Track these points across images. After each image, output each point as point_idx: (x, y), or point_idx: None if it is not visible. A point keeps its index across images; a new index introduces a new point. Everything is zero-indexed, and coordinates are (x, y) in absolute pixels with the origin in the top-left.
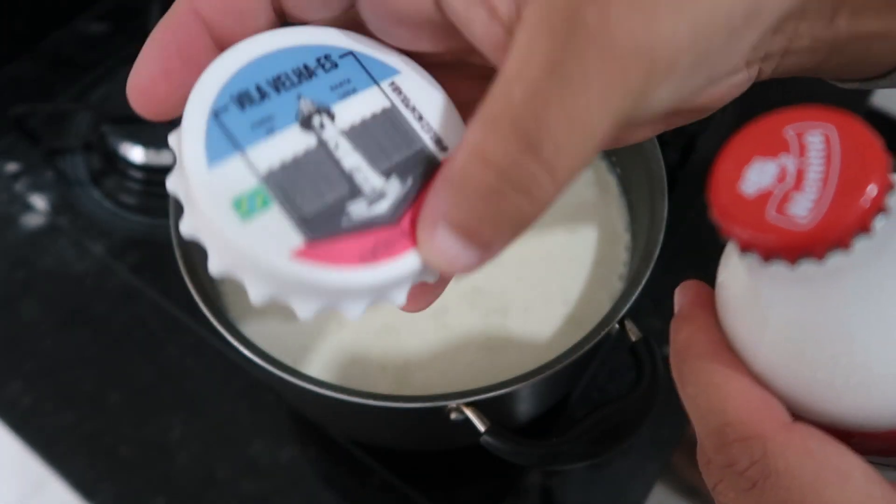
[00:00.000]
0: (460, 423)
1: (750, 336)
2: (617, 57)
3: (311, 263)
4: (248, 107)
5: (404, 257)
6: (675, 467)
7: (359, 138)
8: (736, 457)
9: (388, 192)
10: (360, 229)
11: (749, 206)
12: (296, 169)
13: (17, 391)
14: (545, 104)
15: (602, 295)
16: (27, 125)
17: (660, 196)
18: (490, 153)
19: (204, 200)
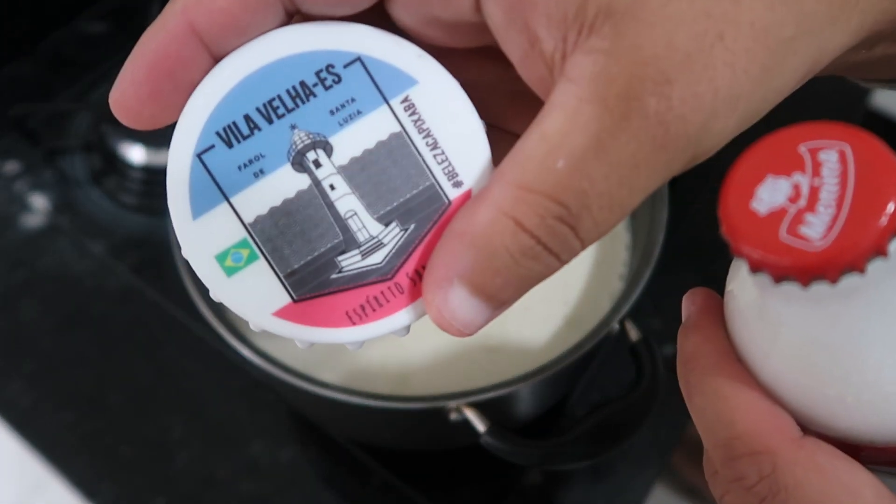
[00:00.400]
0: (460, 423)
1: (759, 349)
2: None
3: (294, 323)
4: (235, 144)
5: (393, 317)
6: (675, 467)
7: (358, 176)
8: (744, 471)
9: (386, 241)
10: (351, 284)
11: (761, 226)
12: (285, 215)
13: (18, 391)
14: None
15: (602, 295)
16: (27, 125)
17: (660, 196)
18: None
19: (190, 254)
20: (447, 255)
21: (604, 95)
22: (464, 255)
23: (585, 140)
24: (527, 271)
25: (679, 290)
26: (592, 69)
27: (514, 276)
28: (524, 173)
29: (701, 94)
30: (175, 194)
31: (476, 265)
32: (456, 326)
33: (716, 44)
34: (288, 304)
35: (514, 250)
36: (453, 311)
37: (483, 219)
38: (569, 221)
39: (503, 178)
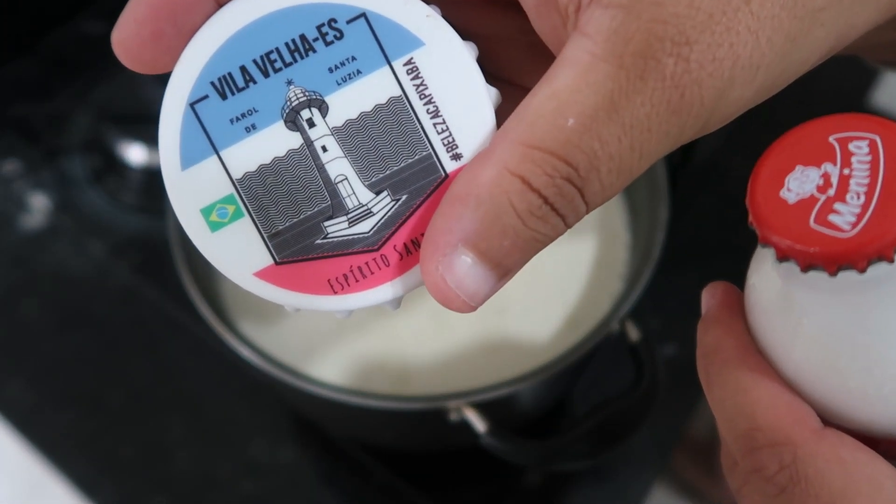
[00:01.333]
0: (460, 423)
1: (781, 341)
2: (682, 113)
3: (274, 286)
4: (229, 96)
5: (377, 289)
6: (675, 467)
7: (352, 139)
8: (765, 462)
9: (375, 210)
10: (336, 251)
11: (790, 215)
12: (273, 174)
13: (18, 391)
14: (601, 145)
15: (602, 295)
16: (27, 125)
17: (660, 196)
18: (533, 177)
19: (176, 205)
20: (450, 220)
21: (620, 53)
22: (468, 217)
23: (598, 99)
24: (533, 234)
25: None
26: (609, 25)
27: (521, 239)
28: (532, 131)
29: (720, 59)
30: (166, 142)
31: (482, 227)
32: (461, 298)
33: (741, 7)
34: (269, 265)
35: (522, 210)
36: (459, 282)
37: (488, 178)
38: (577, 183)
39: (508, 136)
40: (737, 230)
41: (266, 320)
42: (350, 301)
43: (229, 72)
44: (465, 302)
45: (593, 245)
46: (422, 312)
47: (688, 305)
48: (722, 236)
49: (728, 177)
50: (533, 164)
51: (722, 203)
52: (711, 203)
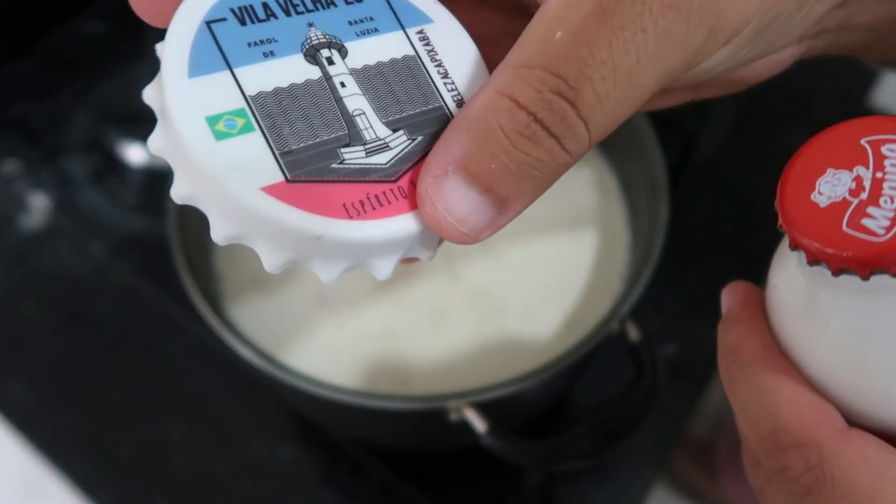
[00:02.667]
0: (460, 423)
1: (805, 341)
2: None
3: (284, 204)
4: (248, 23)
5: (397, 220)
6: (675, 467)
7: (370, 81)
8: (790, 462)
9: (392, 145)
10: (352, 177)
11: (822, 219)
12: (290, 97)
13: (18, 391)
14: (590, 51)
15: (602, 295)
16: (27, 125)
17: (660, 196)
18: (521, 94)
19: (175, 110)
20: (441, 144)
21: None
22: (458, 139)
23: (587, 9)
24: (525, 157)
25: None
26: None
27: (512, 162)
28: (523, 52)
29: None
30: (172, 53)
31: (470, 148)
32: (451, 223)
33: None
34: (280, 182)
35: (510, 129)
36: (447, 204)
37: (479, 101)
38: (567, 95)
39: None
40: (737, 230)
41: (266, 320)
42: (367, 229)
43: (250, 3)
44: (455, 227)
45: (593, 245)
46: (422, 312)
47: (688, 305)
48: (722, 236)
49: (728, 177)
50: (521, 81)
51: (722, 203)
52: (711, 203)
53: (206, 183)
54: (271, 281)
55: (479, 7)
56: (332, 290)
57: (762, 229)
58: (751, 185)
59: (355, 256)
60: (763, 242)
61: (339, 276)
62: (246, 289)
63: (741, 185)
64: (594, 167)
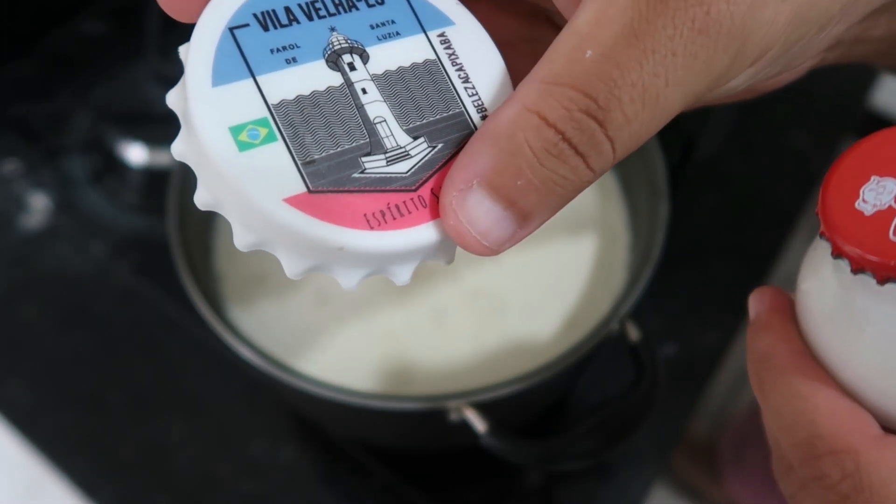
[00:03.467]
0: (460, 423)
1: (840, 347)
2: (710, 36)
3: (306, 215)
4: (271, 29)
5: (417, 230)
6: (675, 467)
7: (391, 87)
8: (826, 470)
9: (413, 153)
10: (372, 187)
11: (867, 227)
12: (312, 105)
13: (17, 391)
14: (621, 72)
15: (602, 295)
16: (27, 125)
17: (660, 196)
18: (550, 112)
19: (199, 120)
20: (467, 156)
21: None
22: (484, 153)
23: (618, 28)
24: (551, 173)
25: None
26: None
27: (537, 179)
28: (551, 67)
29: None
30: (197, 58)
31: (496, 164)
32: (473, 235)
33: None
34: (302, 193)
35: (537, 147)
36: (471, 217)
37: (506, 115)
38: (597, 115)
39: (530, 77)
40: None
41: (266, 320)
42: (387, 239)
43: (273, 8)
44: (478, 240)
45: (593, 245)
46: (422, 312)
47: (688, 305)
48: (722, 236)
49: (728, 177)
50: (550, 99)
51: (722, 203)
52: (711, 203)
53: (229, 192)
54: (271, 281)
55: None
56: (332, 290)
57: (762, 229)
58: (751, 185)
59: (375, 264)
60: (763, 242)
61: (359, 282)
62: (246, 289)
63: (741, 185)
64: None
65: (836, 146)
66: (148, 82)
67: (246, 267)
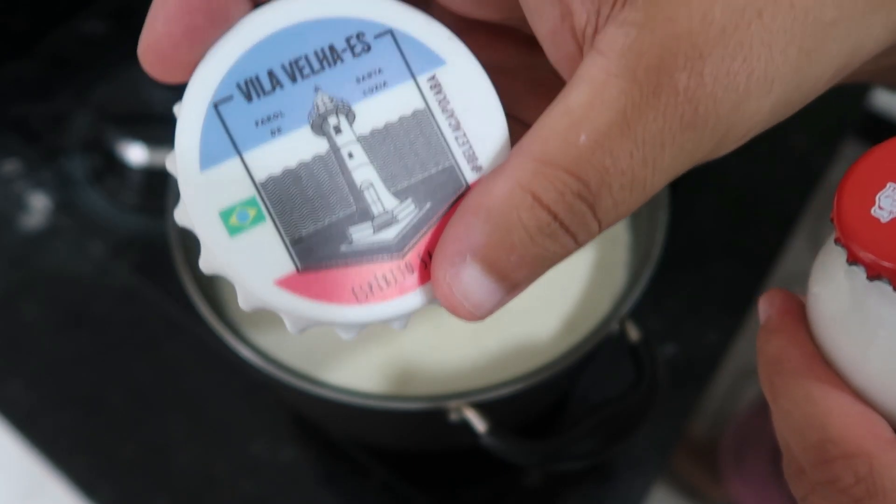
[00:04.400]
0: (460, 423)
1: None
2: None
3: (296, 296)
4: (255, 98)
5: (403, 298)
6: (675, 467)
7: (378, 147)
8: (839, 474)
9: (400, 217)
10: (360, 258)
11: (883, 234)
12: (298, 178)
13: (18, 391)
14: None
15: (602, 295)
16: (27, 125)
17: (660, 197)
18: (544, 193)
19: (192, 206)
20: (460, 230)
21: (633, 68)
22: (478, 229)
23: (611, 115)
24: (542, 250)
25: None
26: (623, 41)
27: (529, 255)
28: (545, 147)
29: (735, 72)
30: (184, 141)
31: (491, 240)
32: (466, 307)
33: (754, 21)
34: (292, 273)
35: (531, 226)
36: (465, 291)
37: (500, 192)
38: (588, 199)
39: (522, 151)
40: (737, 230)
41: (266, 320)
42: (374, 311)
43: (256, 74)
44: (470, 311)
45: (593, 245)
46: (421, 312)
47: (688, 305)
48: (722, 236)
49: (728, 177)
50: (544, 180)
51: (722, 203)
52: (711, 203)
53: (225, 272)
54: None
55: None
56: None
57: (762, 229)
58: (751, 185)
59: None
60: (763, 242)
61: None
62: None
63: (741, 185)
64: None
65: (836, 146)
66: (148, 82)
67: None
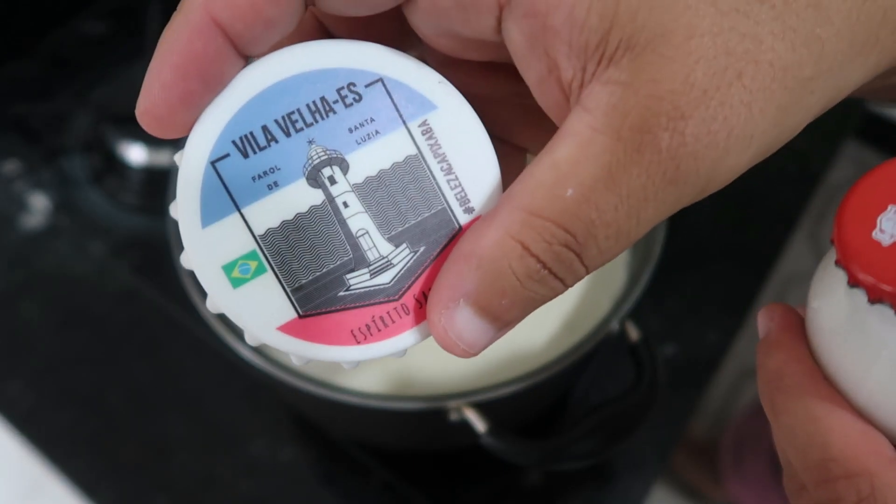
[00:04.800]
0: (460, 423)
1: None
2: (679, 183)
3: (297, 340)
4: (251, 154)
5: (400, 338)
6: (675, 467)
7: (372, 195)
8: (842, 493)
9: (395, 262)
10: (358, 302)
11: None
12: (296, 230)
13: (17, 391)
14: (598, 214)
15: (602, 295)
16: (27, 125)
17: None
18: (532, 243)
19: (196, 261)
20: (453, 276)
21: (617, 127)
22: (470, 275)
23: (596, 171)
24: (532, 294)
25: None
26: (608, 100)
27: (519, 298)
28: (533, 199)
29: (715, 131)
30: (185, 201)
31: (482, 286)
32: (461, 347)
33: (734, 82)
34: (293, 319)
35: (520, 273)
36: (459, 332)
37: (490, 241)
38: (575, 249)
39: (511, 201)
40: (737, 230)
41: None
42: (372, 350)
43: (251, 131)
44: (464, 350)
45: None
46: None
47: (688, 305)
48: (722, 236)
49: None
50: (533, 231)
51: (722, 203)
52: (711, 203)
53: (230, 317)
54: None
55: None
56: None
57: (762, 229)
58: (751, 185)
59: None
60: (763, 242)
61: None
62: None
63: (741, 184)
64: None
65: (836, 146)
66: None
67: None
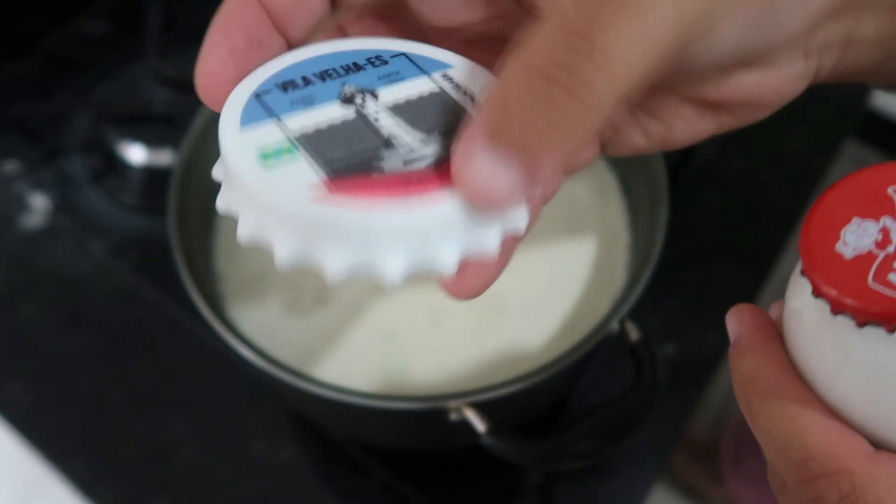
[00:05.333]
0: (460, 423)
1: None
2: None
3: (333, 200)
4: (290, 91)
5: (442, 200)
6: (675, 467)
7: (402, 112)
8: (823, 492)
9: (428, 153)
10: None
11: (847, 270)
12: (330, 132)
13: (17, 391)
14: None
15: (602, 295)
16: (27, 125)
17: (660, 196)
18: (536, 56)
19: (231, 153)
20: (470, 122)
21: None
22: (483, 110)
23: None
24: (547, 111)
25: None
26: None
27: (534, 118)
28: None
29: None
30: (228, 111)
31: (490, 111)
32: (483, 190)
33: None
34: (324, 179)
35: (529, 87)
36: (477, 170)
37: (500, 77)
38: (583, 48)
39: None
40: (737, 230)
41: (266, 320)
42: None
43: (292, 79)
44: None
45: (593, 245)
46: (422, 312)
47: (688, 305)
48: (722, 236)
49: (728, 177)
50: (538, 46)
51: (722, 203)
52: (711, 203)
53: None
54: (271, 281)
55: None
56: (332, 290)
57: (762, 229)
58: (751, 184)
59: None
60: (763, 242)
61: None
62: (246, 289)
63: (741, 184)
64: (593, 167)
65: (836, 146)
66: (148, 82)
67: (246, 267)
